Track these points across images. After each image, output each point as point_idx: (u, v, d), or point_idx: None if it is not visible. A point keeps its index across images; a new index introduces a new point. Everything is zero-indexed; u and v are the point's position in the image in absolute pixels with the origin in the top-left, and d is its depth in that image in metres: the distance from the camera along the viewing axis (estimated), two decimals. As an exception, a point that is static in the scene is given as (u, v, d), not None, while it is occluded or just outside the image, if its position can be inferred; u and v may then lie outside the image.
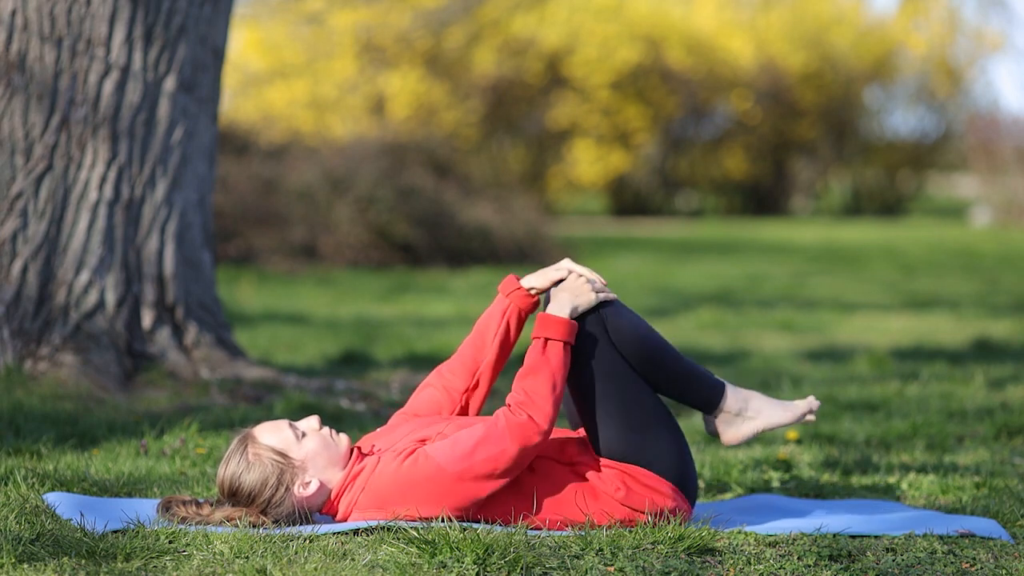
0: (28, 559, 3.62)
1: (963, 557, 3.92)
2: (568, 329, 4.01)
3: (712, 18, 27.63)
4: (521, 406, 3.94)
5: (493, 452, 3.91)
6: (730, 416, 4.18)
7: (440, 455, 3.93)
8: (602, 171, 26.18)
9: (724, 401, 4.16)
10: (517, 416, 3.93)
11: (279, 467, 3.98)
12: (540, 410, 3.94)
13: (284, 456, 4.00)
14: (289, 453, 4.00)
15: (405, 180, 16.03)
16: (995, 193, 25.79)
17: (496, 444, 3.91)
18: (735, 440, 4.19)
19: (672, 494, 4.05)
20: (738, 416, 4.18)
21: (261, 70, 23.57)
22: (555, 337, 4.00)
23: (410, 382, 7.06)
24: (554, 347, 4.00)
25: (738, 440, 4.18)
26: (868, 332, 9.93)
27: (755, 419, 4.18)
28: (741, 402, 4.17)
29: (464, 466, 3.90)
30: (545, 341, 4.00)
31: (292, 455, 4.00)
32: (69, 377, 6.16)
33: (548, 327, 4.01)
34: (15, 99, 6.26)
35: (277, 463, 3.99)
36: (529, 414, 3.93)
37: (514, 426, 3.92)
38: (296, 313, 10.88)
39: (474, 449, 3.91)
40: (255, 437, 4.03)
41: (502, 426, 3.93)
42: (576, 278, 4.10)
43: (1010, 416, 6.09)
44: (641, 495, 4.03)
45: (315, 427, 4.07)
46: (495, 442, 3.92)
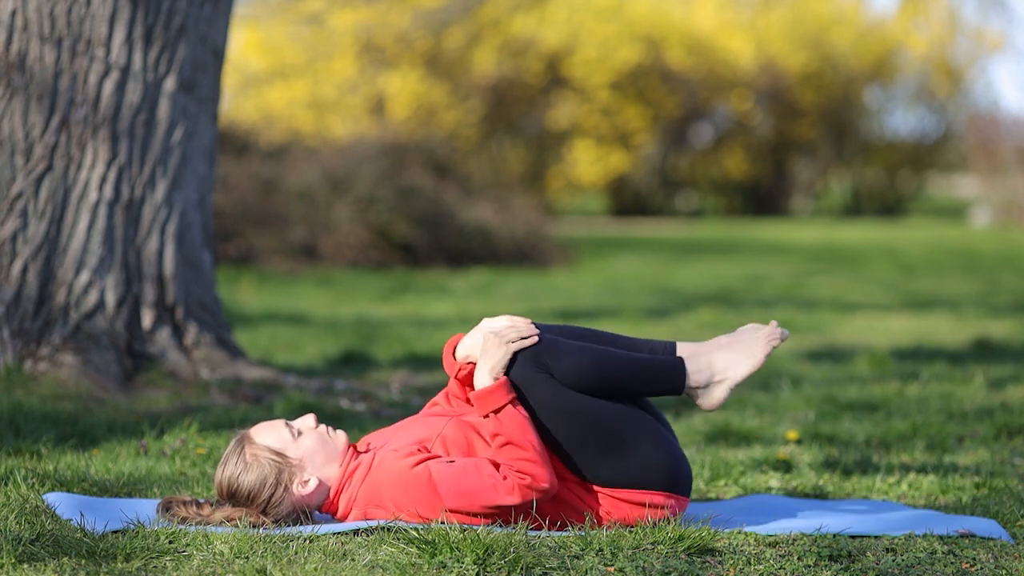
0: (28, 559, 3.62)
1: (963, 557, 3.92)
2: (503, 392, 3.98)
3: (712, 18, 27.63)
4: (521, 473, 3.93)
5: (494, 502, 3.92)
6: (700, 390, 4.17)
7: (442, 484, 3.93)
8: (602, 171, 26.18)
9: (688, 380, 4.14)
10: (524, 478, 3.92)
11: (277, 467, 3.99)
12: (540, 471, 3.93)
13: (281, 455, 4.00)
14: (286, 452, 4.01)
15: (405, 180, 16.03)
16: (995, 193, 25.79)
17: (500, 497, 3.92)
18: (713, 406, 4.17)
19: (664, 500, 4.05)
20: (707, 387, 4.16)
21: (261, 70, 23.57)
22: (498, 406, 3.97)
23: (410, 382, 7.06)
24: (508, 412, 3.97)
25: (715, 405, 4.17)
26: (868, 332, 9.93)
27: (723, 380, 4.16)
28: (705, 371, 4.15)
29: (462, 504, 3.92)
30: (495, 415, 3.98)
31: (289, 454, 4.01)
32: (69, 377, 6.16)
33: (486, 401, 3.98)
34: (15, 99, 6.26)
35: (275, 463, 3.99)
36: (532, 475, 3.92)
37: (522, 488, 3.92)
38: (296, 313, 10.88)
39: (477, 492, 3.92)
40: (251, 438, 4.04)
41: (510, 484, 3.93)
42: (490, 337, 4.07)
43: (1010, 416, 6.09)
44: (632, 511, 4.03)
45: (311, 425, 4.08)
46: (499, 495, 3.92)
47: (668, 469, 4.06)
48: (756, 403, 6.61)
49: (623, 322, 10.00)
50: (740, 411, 6.36)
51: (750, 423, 5.96)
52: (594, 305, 11.50)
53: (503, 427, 3.95)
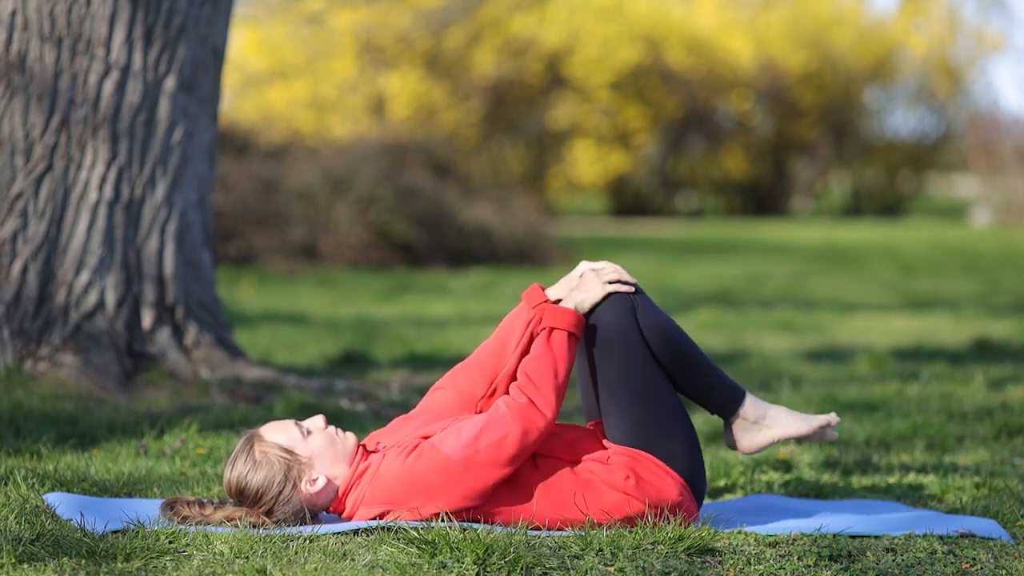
0: (28, 559, 3.63)
1: (963, 557, 3.92)
2: (573, 320, 4.04)
3: (712, 18, 27.64)
4: (522, 389, 3.97)
5: (497, 437, 3.92)
6: (747, 423, 4.18)
7: (444, 444, 3.95)
8: (602, 171, 26.19)
9: (743, 408, 4.17)
10: (518, 399, 3.95)
11: (286, 464, 3.99)
12: (542, 395, 3.96)
13: (291, 453, 4.00)
14: (296, 450, 4.01)
15: (405, 180, 16.03)
16: (995, 193, 25.80)
17: (499, 429, 3.93)
18: (751, 449, 4.20)
19: (680, 488, 4.05)
20: (755, 424, 4.18)
21: (261, 70, 23.57)
22: (560, 327, 4.03)
23: (410, 382, 7.06)
24: (558, 336, 4.03)
25: (754, 448, 4.19)
26: (868, 332, 9.93)
27: (772, 428, 4.19)
28: (760, 411, 4.18)
29: (469, 453, 3.92)
30: (550, 331, 4.03)
31: (299, 452, 4.01)
32: (69, 377, 6.16)
33: (553, 317, 4.04)
34: (15, 99, 6.26)
35: (284, 460, 3.99)
36: (530, 397, 3.95)
37: (515, 409, 3.94)
38: (296, 313, 10.89)
39: (478, 436, 3.93)
40: (261, 436, 4.04)
41: (503, 411, 3.95)
42: (589, 273, 4.14)
43: (1010, 416, 6.09)
44: (649, 484, 4.01)
45: (321, 425, 4.08)
46: (498, 427, 3.93)
47: (691, 467, 4.09)
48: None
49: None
50: (740, 411, 6.35)
51: (750, 423, 5.95)
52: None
53: (547, 345, 3.99)
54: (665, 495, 4.03)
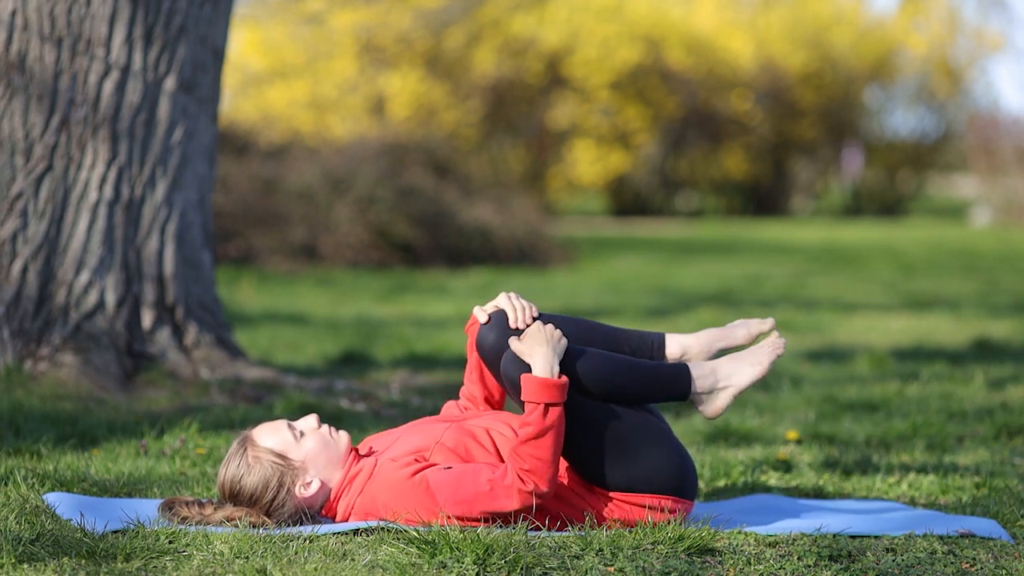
0: (28, 559, 3.62)
1: (963, 557, 3.92)
2: (560, 390, 3.94)
3: (712, 18, 27.64)
4: (527, 475, 3.90)
5: (492, 508, 3.92)
6: (704, 395, 4.17)
7: (440, 492, 3.92)
8: (602, 171, 26.18)
9: (694, 386, 4.14)
10: (526, 484, 3.90)
11: (279, 469, 3.98)
12: (546, 477, 3.91)
13: (284, 458, 4.00)
14: (288, 455, 4.00)
15: (405, 180, 16.03)
16: (995, 193, 25.80)
17: (498, 503, 3.91)
18: (716, 413, 4.19)
19: (673, 505, 4.06)
20: (711, 393, 4.17)
21: (261, 70, 23.57)
22: (555, 401, 3.93)
23: (410, 382, 7.06)
24: (554, 411, 3.93)
25: (718, 412, 4.19)
26: (868, 332, 9.93)
27: (728, 387, 4.17)
28: (710, 378, 4.15)
29: (461, 511, 3.92)
30: (546, 407, 3.92)
31: (292, 456, 4.00)
32: (69, 377, 6.16)
33: (546, 391, 3.92)
34: (15, 99, 6.26)
35: (277, 465, 3.99)
36: (536, 482, 3.91)
37: (519, 492, 3.91)
38: (296, 313, 10.88)
39: (474, 499, 3.92)
40: (254, 439, 4.03)
41: (508, 486, 3.91)
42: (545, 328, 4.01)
43: (1010, 416, 6.09)
44: (640, 513, 4.03)
45: (314, 426, 4.07)
46: (498, 501, 3.91)
47: (676, 474, 4.07)
48: (756, 403, 6.61)
49: (623, 322, 10.00)
50: (740, 411, 6.36)
51: (750, 423, 5.96)
52: (594, 305, 11.50)
53: (544, 423, 3.90)
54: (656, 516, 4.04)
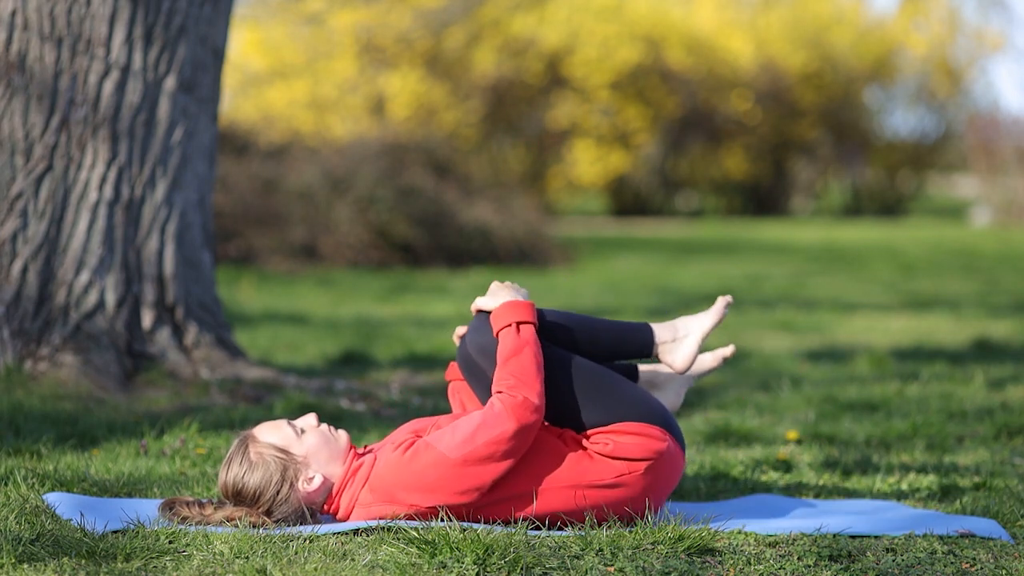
0: (28, 559, 3.62)
1: (963, 557, 3.92)
2: (533, 309, 4.16)
3: (712, 18, 27.64)
4: (513, 389, 4.00)
5: (494, 434, 3.95)
6: (668, 345, 4.33)
7: (441, 443, 3.97)
8: (602, 171, 26.18)
9: (655, 336, 4.32)
10: (513, 397, 3.99)
11: (282, 464, 4.00)
12: (531, 388, 4.01)
13: (286, 452, 4.01)
14: (291, 449, 4.02)
15: (405, 180, 16.03)
16: (995, 193, 25.79)
17: (496, 426, 3.96)
18: (686, 361, 4.33)
19: (661, 434, 4.10)
20: (675, 341, 4.34)
21: (261, 70, 23.57)
22: (526, 319, 4.13)
23: (410, 382, 7.06)
24: (526, 329, 4.12)
25: (687, 359, 4.33)
26: (868, 332, 9.93)
27: (688, 335, 4.34)
28: (670, 330, 4.35)
29: (467, 450, 3.93)
30: (518, 325, 4.12)
31: (294, 451, 4.02)
32: (69, 377, 6.16)
33: (516, 311, 4.14)
34: (15, 99, 6.26)
35: (280, 460, 4.00)
36: (524, 395, 3.99)
37: (511, 407, 3.97)
38: (296, 313, 10.88)
39: (475, 433, 3.95)
40: (255, 437, 4.04)
41: (499, 409, 3.98)
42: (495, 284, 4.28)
43: (1010, 416, 6.09)
44: (630, 443, 4.06)
45: (313, 424, 4.10)
46: (494, 424, 3.96)
47: (657, 407, 4.18)
48: (756, 403, 6.62)
49: (623, 322, 9.99)
50: (740, 411, 6.36)
51: (750, 423, 5.96)
52: (594, 305, 11.50)
53: (519, 339, 4.08)
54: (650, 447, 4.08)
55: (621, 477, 4.06)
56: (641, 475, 4.06)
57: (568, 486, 4.03)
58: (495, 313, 4.16)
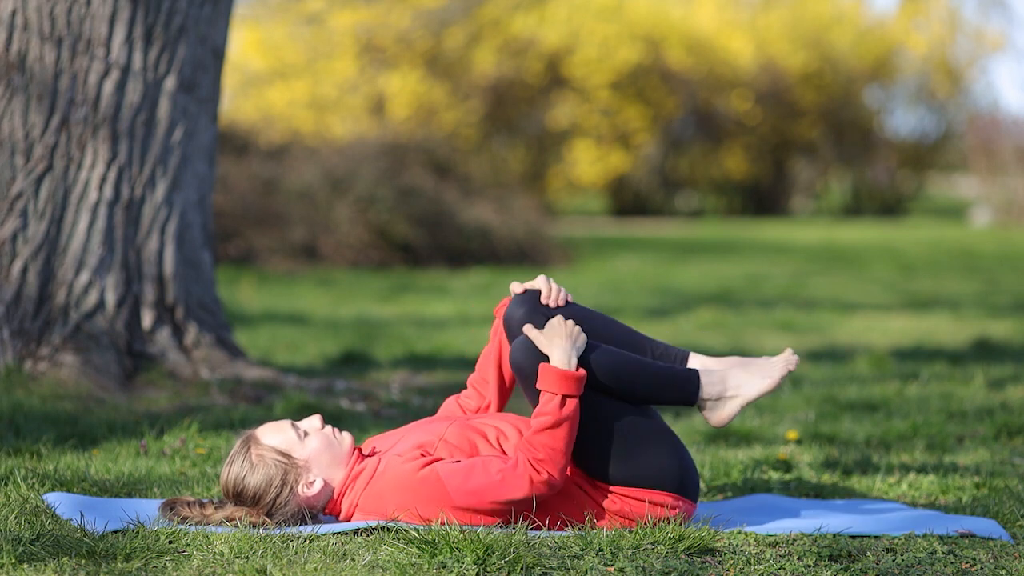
0: (28, 559, 3.62)
1: (963, 557, 3.91)
2: (579, 382, 3.97)
3: (712, 18, 27.63)
4: (540, 464, 3.92)
5: (504, 496, 3.92)
6: (712, 403, 4.17)
7: (450, 482, 3.92)
8: (602, 171, 26.18)
9: (701, 391, 4.15)
10: (539, 474, 3.92)
11: (283, 468, 3.98)
12: (556, 466, 3.93)
13: (287, 456, 3.99)
14: (292, 453, 4.00)
15: (405, 180, 16.03)
16: (995, 193, 25.79)
17: (510, 490, 3.92)
18: (723, 422, 4.19)
19: (674, 501, 4.06)
20: (719, 400, 4.17)
21: (261, 70, 23.57)
22: (572, 393, 3.96)
23: (410, 382, 7.06)
24: (571, 403, 3.96)
25: (725, 421, 4.19)
26: (868, 332, 9.93)
27: (736, 397, 4.17)
28: (719, 385, 4.16)
29: (471, 502, 3.91)
30: (563, 399, 3.95)
31: (295, 455, 4.00)
32: (69, 377, 6.16)
33: (565, 384, 3.96)
34: (15, 99, 6.26)
35: (281, 464, 3.98)
36: (548, 472, 3.92)
37: (531, 480, 3.92)
38: (296, 313, 10.88)
39: (485, 489, 3.91)
40: (258, 438, 4.03)
41: (520, 474, 3.92)
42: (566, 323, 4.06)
43: (1010, 416, 6.09)
44: (640, 508, 4.04)
45: (317, 426, 4.07)
46: (510, 488, 3.92)
47: (678, 471, 4.08)
48: (756, 403, 6.62)
49: (623, 322, 9.99)
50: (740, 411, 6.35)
51: (750, 423, 5.96)
52: (594, 305, 11.50)
53: (561, 413, 3.93)
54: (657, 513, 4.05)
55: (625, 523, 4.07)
56: None
57: (569, 514, 4.05)
58: (545, 374, 3.97)
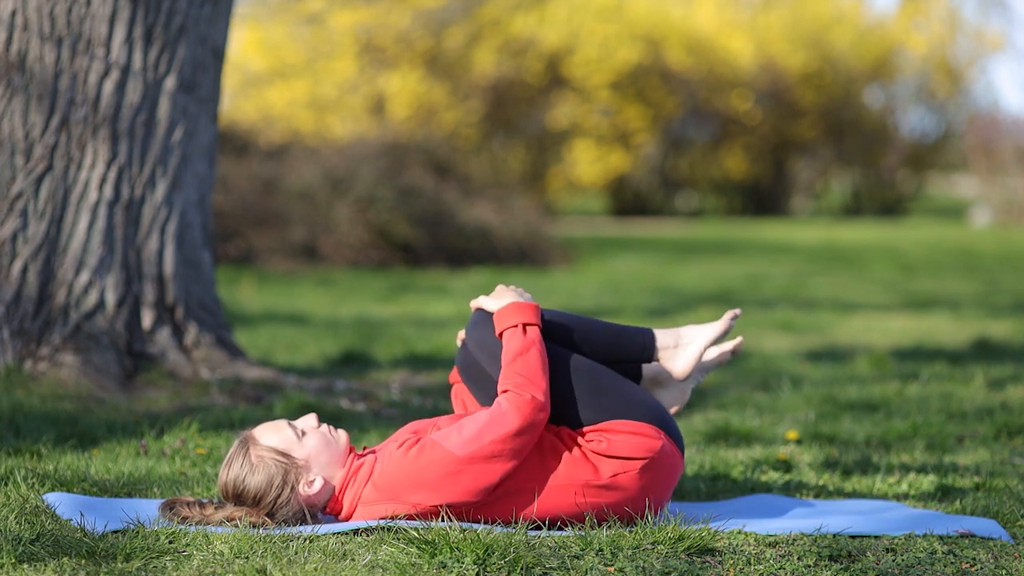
0: (28, 559, 3.62)
1: (963, 557, 3.92)
2: (538, 312, 4.17)
3: (712, 18, 27.64)
4: (520, 387, 4.01)
5: (500, 433, 3.95)
6: (669, 351, 4.33)
7: (448, 440, 3.97)
8: (602, 171, 26.18)
9: (657, 341, 4.33)
10: (520, 395, 3.99)
11: (283, 467, 3.99)
12: (537, 387, 4.02)
13: (287, 456, 4.00)
14: (292, 453, 4.01)
15: (405, 180, 16.03)
16: (995, 193, 25.80)
17: (502, 425, 3.96)
18: (686, 368, 4.33)
19: (656, 433, 4.10)
20: (676, 347, 4.33)
21: (261, 70, 23.57)
22: (531, 321, 4.14)
23: (410, 382, 7.06)
24: (532, 330, 4.13)
25: (688, 367, 4.33)
26: (868, 332, 9.93)
27: (691, 343, 4.34)
28: (673, 337, 4.35)
29: (473, 448, 3.93)
30: (524, 326, 4.13)
31: (295, 454, 4.01)
32: (69, 377, 6.16)
33: (522, 313, 4.16)
34: (15, 99, 6.26)
35: (281, 463, 3.99)
36: (531, 393, 4.00)
37: (518, 405, 3.98)
38: (296, 313, 10.89)
39: (481, 432, 3.96)
40: (256, 439, 4.03)
41: (506, 407, 3.99)
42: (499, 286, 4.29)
43: (1010, 416, 6.09)
44: (624, 441, 4.06)
45: (314, 425, 4.09)
46: (501, 423, 3.97)
47: (653, 406, 4.17)
48: (756, 403, 6.62)
49: (623, 322, 9.99)
50: (740, 411, 6.36)
51: (750, 423, 5.96)
52: (594, 305, 11.50)
53: (526, 339, 4.09)
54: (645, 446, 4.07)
55: (616, 477, 4.05)
56: (637, 474, 4.06)
57: (566, 484, 4.03)
58: (500, 313, 4.17)
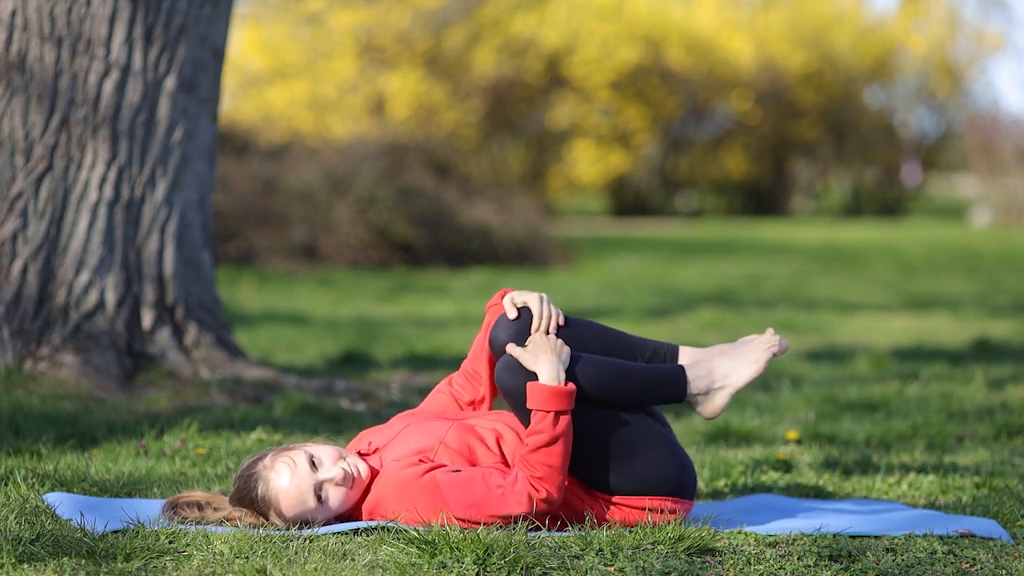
0: (28, 559, 3.62)
1: (963, 557, 3.91)
2: (569, 397, 3.95)
3: (712, 18, 27.65)
4: (538, 482, 3.92)
5: (502, 511, 3.92)
6: (701, 397, 4.16)
7: (450, 493, 3.92)
8: (602, 171, 26.19)
9: (689, 387, 4.13)
10: (538, 492, 3.91)
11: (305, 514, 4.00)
12: (554, 484, 3.93)
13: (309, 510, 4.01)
14: (311, 516, 3.99)
15: (405, 180, 16.03)
16: (995, 193, 25.81)
17: (507, 507, 3.92)
18: (714, 413, 4.17)
19: (672, 506, 4.06)
20: (707, 394, 4.15)
21: (261, 70, 23.57)
22: (564, 409, 3.94)
23: (410, 382, 7.06)
24: (563, 419, 3.94)
25: (717, 412, 4.17)
26: (868, 332, 9.93)
27: (724, 387, 4.15)
28: (706, 378, 4.14)
29: (470, 514, 3.91)
30: (556, 416, 3.94)
31: (317, 517, 4.00)
32: (69, 377, 6.16)
33: (556, 400, 3.94)
34: (15, 99, 6.26)
35: (300, 516, 4.00)
36: (547, 490, 3.92)
37: (530, 498, 3.91)
38: (296, 313, 10.88)
39: (485, 503, 3.91)
40: (278, 503, 3.99)
41: (519, 491, 3.92)
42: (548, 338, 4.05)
43: (1010, 416, 6.08)
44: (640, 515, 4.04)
45: (336, 478, 3.99)
46: (509, 504, 3.92)
47: (675, 475, 4.07)
48: (756, 403, 6.61)
49: (623, 322, 10.00)
50: (740, 411, 6.36)
51: (750, 423, 5.96)
52: (594, 305, 11.50)
53: (554, 431, 3.92)
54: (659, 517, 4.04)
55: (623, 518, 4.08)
56: None
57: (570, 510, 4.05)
58: (535, 392, 3.95)
